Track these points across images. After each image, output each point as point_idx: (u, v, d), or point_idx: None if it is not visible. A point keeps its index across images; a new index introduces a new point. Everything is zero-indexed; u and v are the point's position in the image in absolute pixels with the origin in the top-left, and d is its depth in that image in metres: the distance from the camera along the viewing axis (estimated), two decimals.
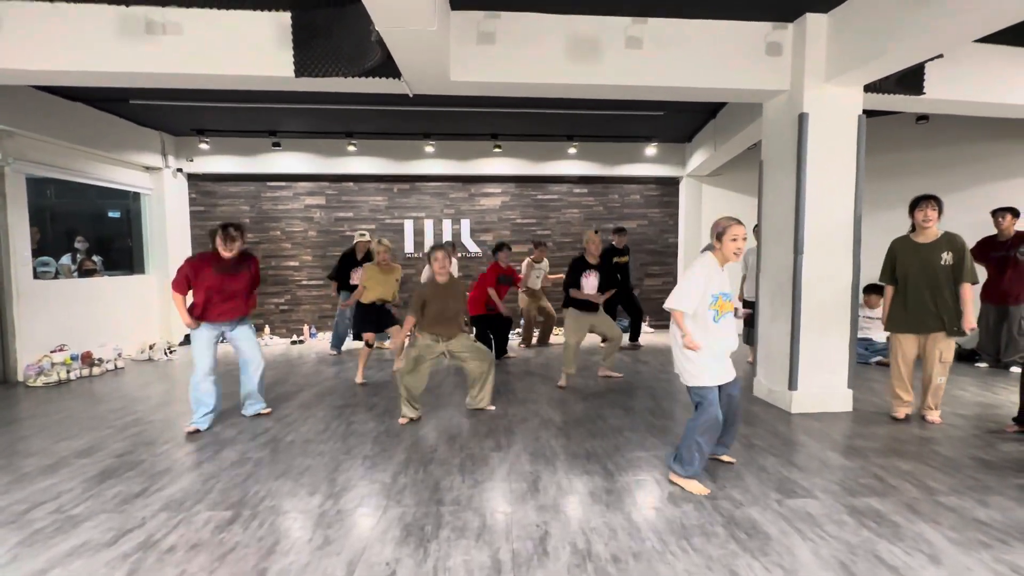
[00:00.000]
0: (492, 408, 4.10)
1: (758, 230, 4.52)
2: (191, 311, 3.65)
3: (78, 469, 3.03)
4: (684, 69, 4.00)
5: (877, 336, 5.87)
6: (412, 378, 3.77)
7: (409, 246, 7.90)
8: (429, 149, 7.32)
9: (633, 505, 2.53)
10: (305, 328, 7.76)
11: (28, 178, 5.43)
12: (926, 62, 4.05)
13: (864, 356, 5.71)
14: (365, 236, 6.29)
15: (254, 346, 3.94)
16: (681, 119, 6.82)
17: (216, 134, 7.10)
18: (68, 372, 5.27)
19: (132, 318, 6.68)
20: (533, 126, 6.95)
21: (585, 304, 4.77)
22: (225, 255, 3.65)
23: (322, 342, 7.46)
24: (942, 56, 4.02)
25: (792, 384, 3.98)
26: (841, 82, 3.82)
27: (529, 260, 6.63)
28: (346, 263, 6.25)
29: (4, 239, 5.11)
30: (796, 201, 3.93)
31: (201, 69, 3.71)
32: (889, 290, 3.83)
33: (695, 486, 2.65)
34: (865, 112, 3.96)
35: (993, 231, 5.33)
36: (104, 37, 3.60)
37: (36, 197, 5.93)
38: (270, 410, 4.06)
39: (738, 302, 5.52)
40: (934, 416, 3.71)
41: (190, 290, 3.65)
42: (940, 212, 3.60)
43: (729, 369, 2.75)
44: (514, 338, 7.21)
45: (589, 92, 4.21)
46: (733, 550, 2.14)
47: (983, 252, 5.30)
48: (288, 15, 3.69)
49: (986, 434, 3.47)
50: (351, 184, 7.87)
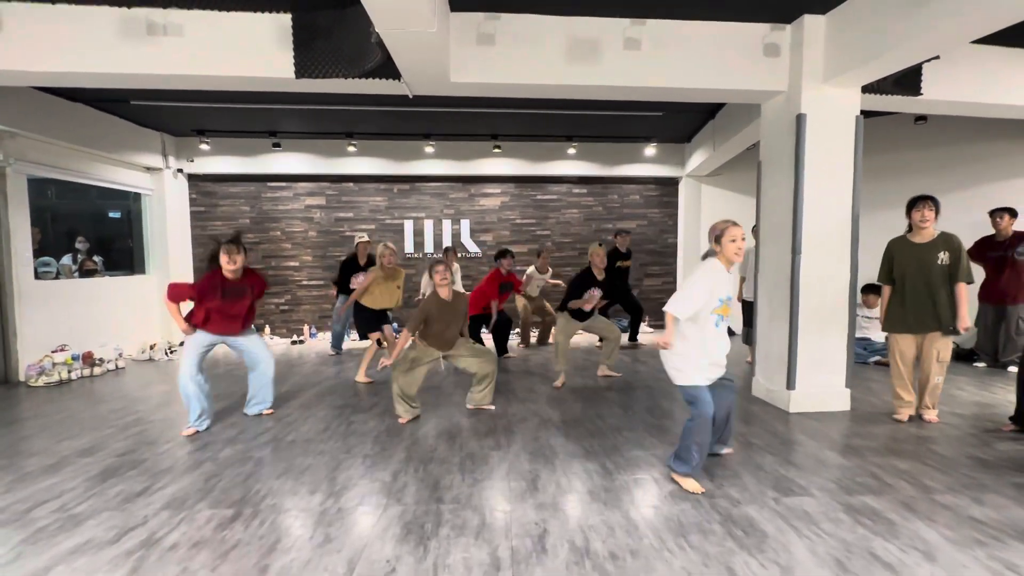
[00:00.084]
0: (492, 407, 4.12)
1: (756, 230, 4.54)
2: (189, 319, 3.65)
3: (80, 468, 3.05)
4: (683, 70, 4.02)
5: (875, 336, 5.88)
6: (405, 379, 3.78)
7: (409, 246, 7.92)
8: (429, 149, 7.33)
9: (631, 503, 2.55)
10: (305, 328, 7.77)
11: (29, 179, 5.45)
12: (923, 63, 4.06)
13: (862, 356, 5.72)
14: (365, 237, 6.28)
15: (260, 346, 3.95)
16: (680, 119, 6.83)
17: (216, 135, 7.11)
18: (69, 372, 5.29)
19: (133, 318, 6.70)
20: (533, 126, 6.96)
21: (579, 312, 4.77)
22: (229, 269, 3.62)
23: (322, 342, 7.48)
24: (939, 57, 4.05)
25: (790, 383, 4.00)
26: (839, 83, 3.83)
27: (534, 269, 6.56)
28: (348, 269, 6.10)
29: (5, 240, 5.13)
30: (794, 201, 3.95)
31: (202, 70, 3.72)
32: (886, 290, 3.85)
33: (692, 484, 2.67)
34: (863, 113, 3.98)
35: (991, 231, 5.35)
36: (105, 38, 3.62)
37: (37, 198, 5.93)
38: (272, 410, 4.08)
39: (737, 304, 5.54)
40: (931, 415, 3.72)
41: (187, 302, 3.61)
42: (937, 212, 3.61)
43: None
44: (514, 338, 7.24)
45: (588, 93, 4.22)
46: (730, 548, 2.16)
47: (981, 252, 5.32)
48: (288, 17, 3.71)
49: (983, 433, 3.49)
50: (351, 184, 7.88)
